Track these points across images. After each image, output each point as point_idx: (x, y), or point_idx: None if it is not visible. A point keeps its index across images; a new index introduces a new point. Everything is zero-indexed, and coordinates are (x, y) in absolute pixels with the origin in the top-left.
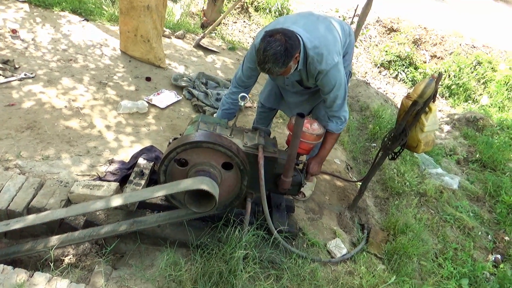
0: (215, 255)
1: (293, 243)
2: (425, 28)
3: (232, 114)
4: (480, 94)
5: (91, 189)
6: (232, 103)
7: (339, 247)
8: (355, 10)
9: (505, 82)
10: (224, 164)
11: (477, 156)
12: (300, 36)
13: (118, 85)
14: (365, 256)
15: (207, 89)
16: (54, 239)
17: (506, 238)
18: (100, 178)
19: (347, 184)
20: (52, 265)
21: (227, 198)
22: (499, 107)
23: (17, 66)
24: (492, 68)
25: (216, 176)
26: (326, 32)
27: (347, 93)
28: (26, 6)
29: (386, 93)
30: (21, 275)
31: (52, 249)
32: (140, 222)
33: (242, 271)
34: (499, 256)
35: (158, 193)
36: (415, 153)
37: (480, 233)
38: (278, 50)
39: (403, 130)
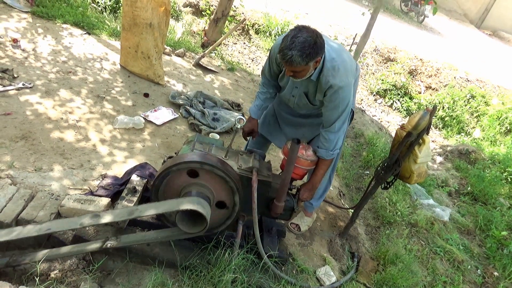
0: (203, 277)
1: (283, 269)
2: (421, 59)
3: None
4: (473, 127)
5: (82, 203)
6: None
7: (328, 274)
8: (354, 39)
9: (498, 116)
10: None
11: (469, 189)
12: None
13: (115, 99)
14: (354, 285)
15: (204, 108)
16: (41, 254)
17: (495, 273)
18: (92, 193)
19: (339, 211)
20: (37, 279)
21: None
22: (491, 141)
23: (15, 75)
24: (485, 102)
25: (209, 197)
26: (344, 52)
27: (347, 126)
28: (28, 17)
29: (381, 121)
30: None
31: (38, 263)
32: (128, 239)
33: None
34: None
35: (150, 211)
36: (407, 184)
37: (469, 267)
38: (309, 40)
39: (397, 160)
